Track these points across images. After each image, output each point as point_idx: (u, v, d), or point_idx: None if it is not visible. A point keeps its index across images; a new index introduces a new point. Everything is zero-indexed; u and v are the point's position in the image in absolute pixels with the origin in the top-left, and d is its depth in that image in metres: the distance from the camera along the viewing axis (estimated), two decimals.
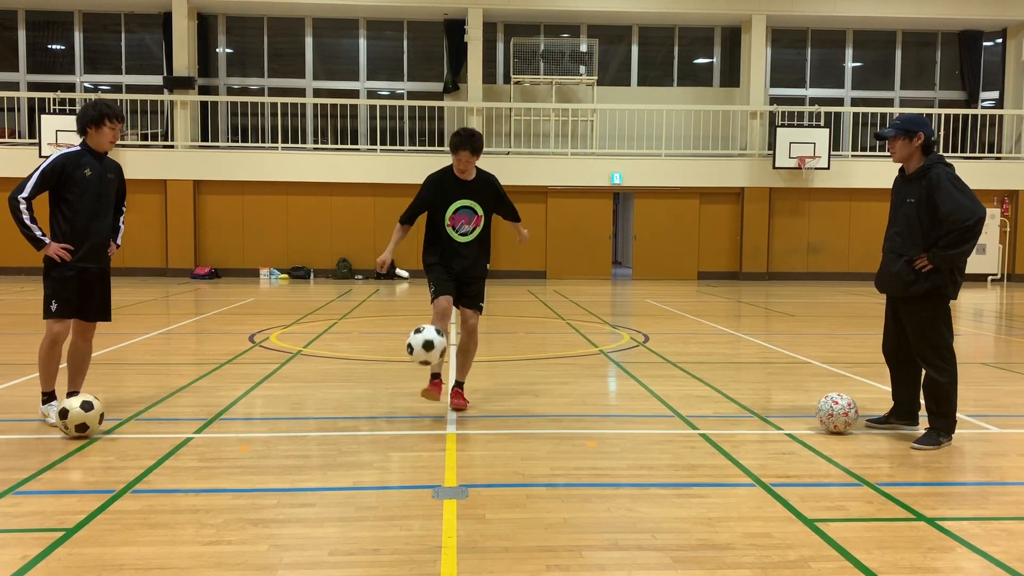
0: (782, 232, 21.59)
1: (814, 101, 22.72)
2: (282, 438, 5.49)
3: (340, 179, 20.61)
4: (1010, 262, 21.81)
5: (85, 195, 5.58)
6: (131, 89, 21.83)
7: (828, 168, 20.92)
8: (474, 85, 21.20)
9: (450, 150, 6.05)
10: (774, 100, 22.61)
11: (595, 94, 21.68)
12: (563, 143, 21.67)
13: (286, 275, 20.58)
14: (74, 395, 5.51)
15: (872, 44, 23.15)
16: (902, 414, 5.70)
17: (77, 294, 5.61)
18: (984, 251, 21.02)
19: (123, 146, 20.09)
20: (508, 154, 21.19)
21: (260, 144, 21.11)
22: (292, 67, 22.34)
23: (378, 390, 7.00)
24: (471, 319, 6.20)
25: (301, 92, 22.18)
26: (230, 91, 22.34)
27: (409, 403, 6.44)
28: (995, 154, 22.33)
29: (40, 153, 19.08)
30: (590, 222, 21.36)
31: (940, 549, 3.68)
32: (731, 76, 22.77)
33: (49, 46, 22.05)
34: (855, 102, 23.05)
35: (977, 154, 21.93)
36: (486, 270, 6.29)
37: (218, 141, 21.38)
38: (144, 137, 21.21)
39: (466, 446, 5.27)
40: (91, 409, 5.22)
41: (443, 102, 21.30)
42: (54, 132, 19.20)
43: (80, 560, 3.47)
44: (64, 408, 5.21)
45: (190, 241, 20.50)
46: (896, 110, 22.16)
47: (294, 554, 3.57)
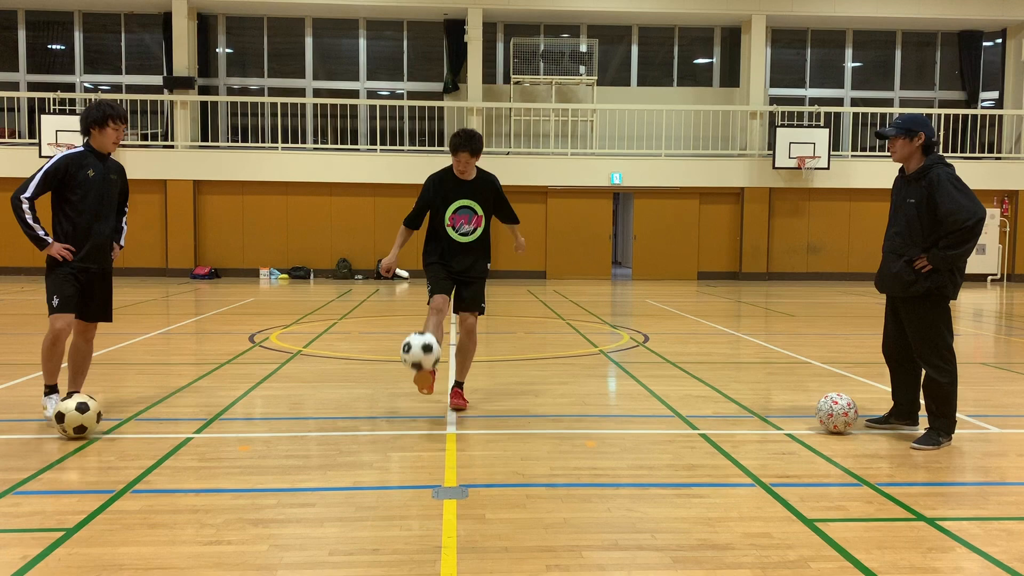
0: (782, 232, 21.59)
1: (814, 101, 22.73)
2: (282, 438, 5.49)
3: (340, 179, 20.61)
4: (1010, 262, 21.81)
5: (88, 196, 5.58)
6: (131, 89, 21.83)
7: (828, 168, 20.92)
8: (474, 85, 21.20)
9: (450, 151, 6.06)
10: (774, 100, 22.61)
11: (595, 94, 21.68)
12: (563, 143, 21.67)
13: (286, 275, 20.58)
14: (71, 396, 5.50)
15: (872, 44, 23.14)
16: (902, 414, 5.70)
17: (78, 291, 5.61)
18: (984, 251, 21.04)
19: (123, 146, 20.08)
20: (508, 154, 21.19)
21: (260, 144, 21.11)
22: (292, 67, 22.34)
23: (378, 390, 7.00)
24: (469, 319, 6.20)
25: (301, 92, 22.19)
26: (230, 91, 22.34)
27: (409, 403, 6.44)
28: (995, 154, 22.33)
29: (40, 153, 19.09)
30: (590, 222, 21.36)
31: (940, 549, 3.68)
32: (731, 76, 22.77)
33: (49, 46, 22.04)
34: (855, 102, 23.05)
35: (977, 154, 21.93)
36: (487, 271, 6.28)
37: (218, 141, 21.38)
38: (144, 137, 21.21)
39: (466, 446, 5.27)
40: (87, 410, 5.21)
41: (443, 102, 21.30)
42: (54, 132, 19.22)
43: (80, 560, 3.47)
44: (60, 412, 5.20)
45: (190, 241, 20.50)
46: (896, 110, 22.15)
47: (294, 554, 3.57)
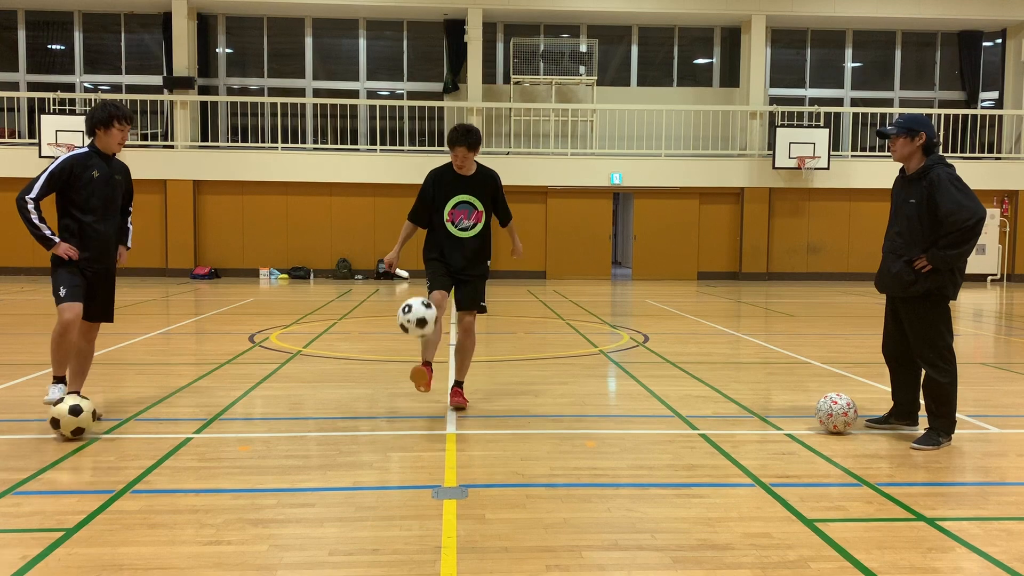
0: (782, 232, 21.59)
1: (814, 101, 22.72)
2: (282, 438, 5.49)
3: (340, 179, 20.61)
4: (1010, 262, 21.82)
5: (92, 196, 5.60)
6: (131, 89, 21.83)
7: (828, 168, 20.92)
8: (474, 85, 21.20)
9: (448, 146, 6.06)
10: (774, 100, 22.61)
11: (595, 94, 21.68)
12: (563, 143, 21.67)
13: (286, 275, 20.58)
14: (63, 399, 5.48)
15: (872, 44, 23.14)
16: (902, 414, 5.70)
17: (85, 284, 5.62)
18: (984, 251, 21.04)
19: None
20: (508, 154, 21.19)
21: (260, 144, 21.11)
22: (292, 67, 22.34)
23: (378, 390, 7.00)
24: (467, 317, 6.19)
25: (301, 92, 22.19)
26: (230, 91, 22.34)
27: (409, 403, 6.44)
28: (995, 154, 22.34)
29: (40, 153, 19.10)
30: (590, 222, 21.36)
31: (940, 549, 3.68)
32: (731, 76, 22.77)
33: (49, 46, 22.04)
34: (855, 102, 23.05)
35: (977, 154, 21.93)
36: (487, 269, 6.26)
37: (218, 141, 21.38)
38: (144, 137, 21.21)
39: (466, 446, 5.27)
40: (80, 413, 5.19)
41: (443, 102, 21.30)
42: (54, 132, 19.22)
43: (80, 560, 3.47)
44: (55, 418, 5.20)
45: (190, 241, 20.50)
46: (896, 110, 22.15)
47: (294, 554, 3.57)
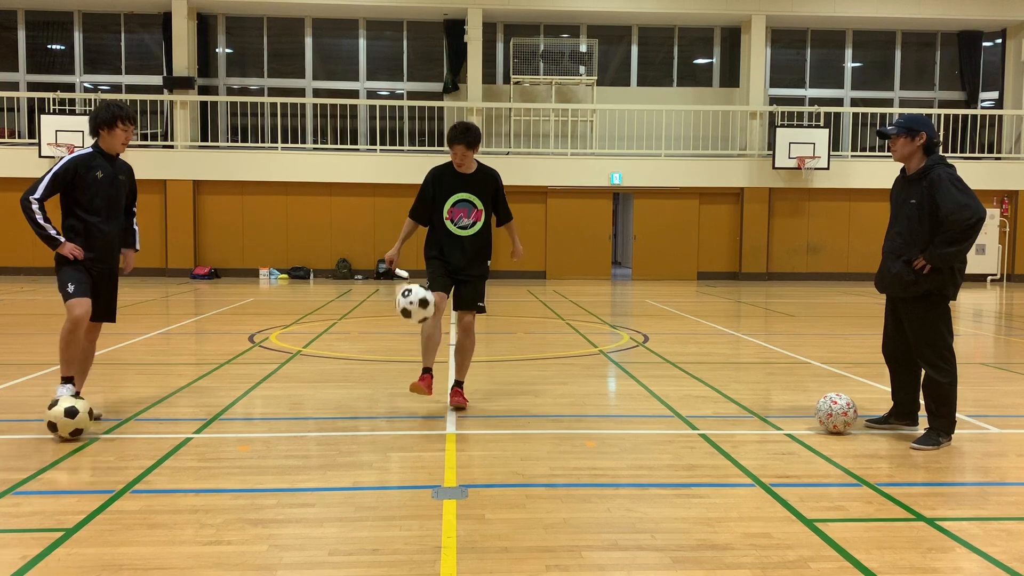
0: (782, 232, 21.59)
1: (814, 101, 22.72)
2: (282, 438, 5.49)
3: (340, 179, 20.60)
4: (1009, 262, 21.81)
5: (96, 197, 5.60)
6: (131, 89, 21.82)
7: (828, 168, 20.92)
8: (474, 85, 21.20)
9: (447, 144, 6.07)
10: (774, 100, 22.61)
11: (595, 94, 21.68)
12: (563, 143, 21.66)
13: (286, 275, 20.58)
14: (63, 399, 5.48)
15: (872, 44, 23.14)
16: (901, 414, 5.70)
17: (91, 280, 5.63)
18: (984, 251, 21.03)
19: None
20: (508, 154, 21.19)
21: (260, 144, 21.11)
22: (292, 67, 22.34)
23: (378, 390, 7.00)
24: (466, 317, 6.19)
25: (301, 92, 22.19)
26: (230, 91, 22.34)
27: (409, 403, 6.44)
28: (995, 154, 22.34)
29: (40, 153, 19.10)
30: (590, 222, 21.36)
31: (940, 549, 3.68)
32: (731, 76, 22.77)
33: (49, 46, 22.04)
34: (855, 102, 23.05)
35: (977, 154, 21.93)
36: (487, 269, 6.26)
37: (218, 141, 21.37)
38: (144, 137, 21.20)
39: (466, 446, 5.27)
40: (76, 414, 5.18)
41: (443, 102, 21.30)
42: (54, 132, 19.22)
43: (80, 560, 3.47)
44: (51, 422, 5.19)
45: (190, 241, 20.49)
46: (896, 110, 22.15)
47: (294, 554, 3.57)
